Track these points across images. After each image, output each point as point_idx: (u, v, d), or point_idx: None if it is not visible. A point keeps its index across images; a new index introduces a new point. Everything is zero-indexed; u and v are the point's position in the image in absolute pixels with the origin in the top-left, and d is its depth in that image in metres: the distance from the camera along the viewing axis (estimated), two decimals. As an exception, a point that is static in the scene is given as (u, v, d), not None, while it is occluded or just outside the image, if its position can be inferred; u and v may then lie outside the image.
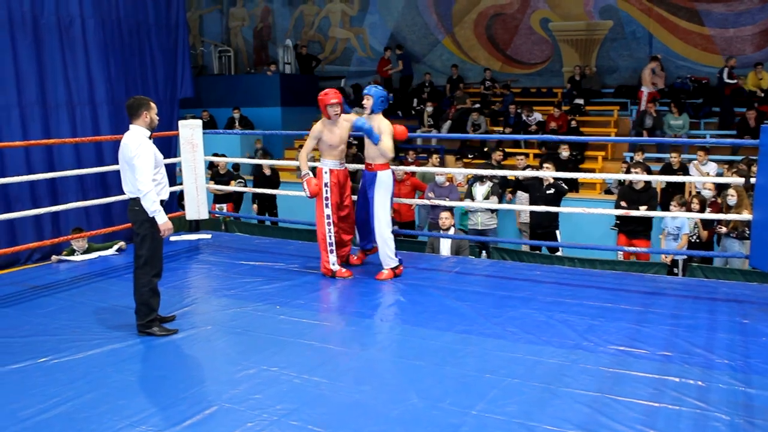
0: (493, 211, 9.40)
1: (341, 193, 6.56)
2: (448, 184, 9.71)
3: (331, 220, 6.43)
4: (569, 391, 3.89)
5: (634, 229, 8.47)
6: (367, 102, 6.45)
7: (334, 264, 6.44)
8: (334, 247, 6.43)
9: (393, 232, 6.44)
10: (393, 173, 6.52)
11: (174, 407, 3.76)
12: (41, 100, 11.96)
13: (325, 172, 6.46)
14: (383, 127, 6.33)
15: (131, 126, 4.96)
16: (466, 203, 9.24)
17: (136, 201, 4.89)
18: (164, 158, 5.33)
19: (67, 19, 12.22)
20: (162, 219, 4.87)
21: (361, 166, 6.91)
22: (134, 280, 4.97)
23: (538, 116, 13.99)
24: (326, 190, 6.42)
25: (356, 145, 12.08)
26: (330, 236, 6.41)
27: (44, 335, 4.95)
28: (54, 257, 7.43)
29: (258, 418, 3.61)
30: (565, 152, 11.01)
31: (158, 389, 4.03)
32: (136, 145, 4.84)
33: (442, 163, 13.17)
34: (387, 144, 6.28)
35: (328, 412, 3.69)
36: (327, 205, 6.42)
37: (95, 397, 3.90)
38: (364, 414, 3.68)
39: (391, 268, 6.43)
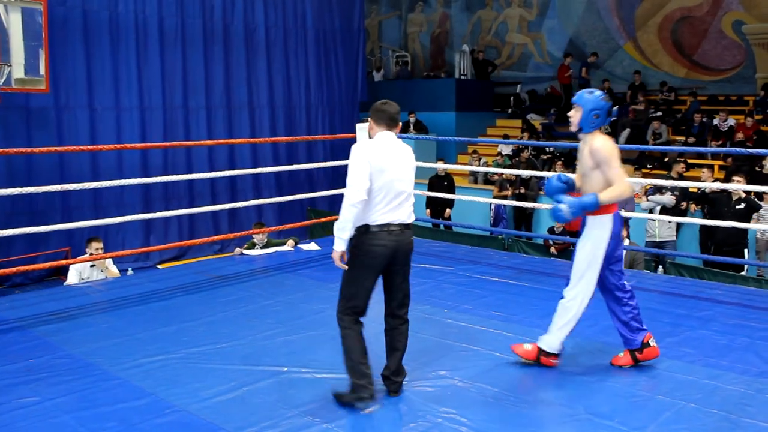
0: (669, 222, 8.97)
1: None
2: (624, 194, 9.36)
3: None
4: (753, 423, 3.61)
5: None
6: (575, 115, 4.22)
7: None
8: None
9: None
10: (619, 218, 4.21)
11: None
12: (226, 102, 12.85)
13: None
14: (600, 156, 4.09)
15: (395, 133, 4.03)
16: (646, 214, 8.87)
17: None
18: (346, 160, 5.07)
19: (252, 26, 13.02)
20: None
21: None
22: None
23: (731, 121, 13.12)
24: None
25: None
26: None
27: (224, 322, 5.27)
28: (237, 250, 7.87)
29: (420, 420, 3.65)
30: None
31: (326, 384, 4.16)
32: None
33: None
34: (613, 192, 4.05)
35: (491, 419, 3.66)
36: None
37: (269, 384, 4.11)
38: (528, 425, 3.62)
39: (540, 349, 4.37)
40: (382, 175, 3.81)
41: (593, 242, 4.18)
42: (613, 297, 4.36)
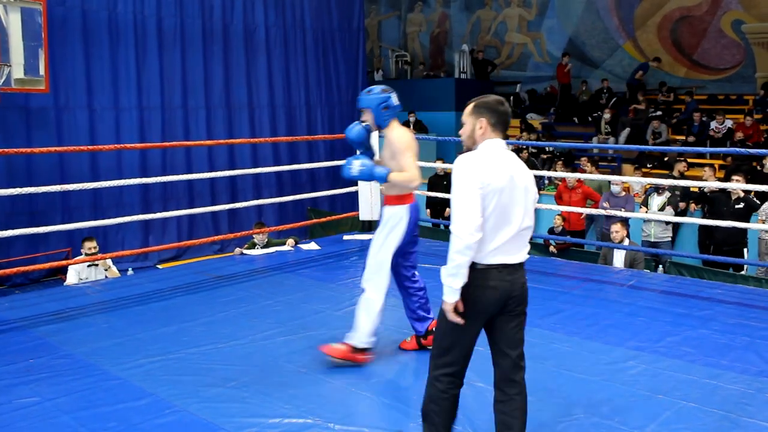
0: (667, 223, 8.97)
1: None
2: (624, 194, 9.37)
3: None
4: (752, 422, 3.62)
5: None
6: (368, 118, 4.45)
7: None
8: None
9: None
10: (415, 210, 4.49)
11: (343, 402, 3.88)
12: (225, 102, 12.85)
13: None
14: (395, 146, 4.35)
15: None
16: (641, 214, 8.88)
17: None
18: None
19: (252, 26, 13.02)
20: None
21: None
22: None
23: (728, 123, 13.14)
24: None
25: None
26: None
27: (224, 322, 5.27)
28: (237, 250, 7.88)
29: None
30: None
31: (325, 383, 4.16)
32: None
33: (619, 173, 12.72)
34: (403, 176, 4.27)
35: (491, 420, 3.65)
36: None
37: (269, 384, 4.10)
38: (528, 425, 3.61)
39: (351, 346, 4.40)
40: (494, 202, 2.93)
41: (387, 232, 4.38)
42: (403, 287, 4.66)
